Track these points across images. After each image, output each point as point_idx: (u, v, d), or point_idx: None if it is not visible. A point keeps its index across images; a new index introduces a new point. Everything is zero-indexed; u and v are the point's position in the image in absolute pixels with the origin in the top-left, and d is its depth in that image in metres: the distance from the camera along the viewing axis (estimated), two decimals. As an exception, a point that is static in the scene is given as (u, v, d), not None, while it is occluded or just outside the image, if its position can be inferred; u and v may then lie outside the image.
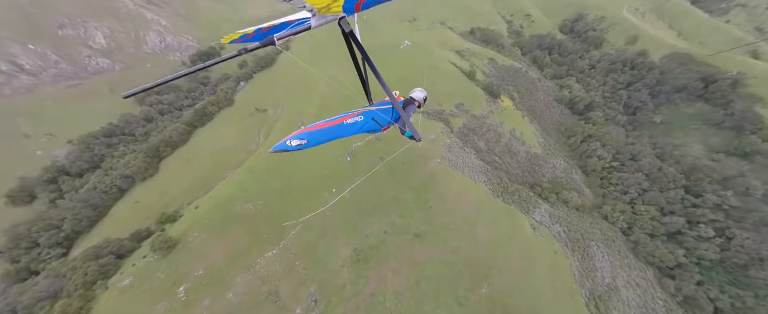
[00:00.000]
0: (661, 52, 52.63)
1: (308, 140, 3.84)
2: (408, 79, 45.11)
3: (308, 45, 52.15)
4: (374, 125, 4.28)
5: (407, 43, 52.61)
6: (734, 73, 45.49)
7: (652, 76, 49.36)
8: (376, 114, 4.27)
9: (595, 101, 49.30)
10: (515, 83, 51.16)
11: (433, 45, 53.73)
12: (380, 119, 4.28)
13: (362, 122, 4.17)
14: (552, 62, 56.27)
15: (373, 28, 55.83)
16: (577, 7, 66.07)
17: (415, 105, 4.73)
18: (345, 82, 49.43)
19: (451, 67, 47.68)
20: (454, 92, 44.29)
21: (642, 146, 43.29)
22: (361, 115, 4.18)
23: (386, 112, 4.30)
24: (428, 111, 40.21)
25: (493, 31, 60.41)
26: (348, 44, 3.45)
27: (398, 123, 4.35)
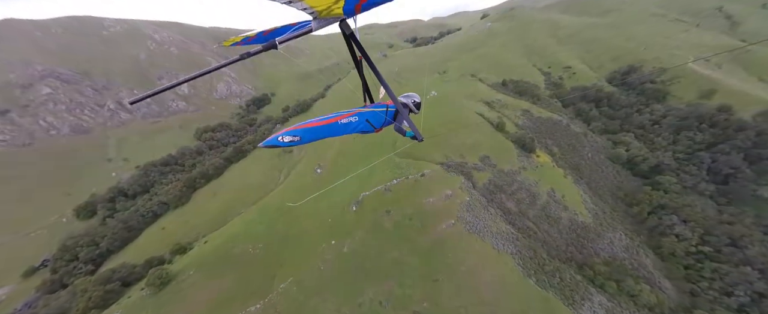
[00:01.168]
0: (754, 109, 42.26)
1: (301, 137, 3.82)
2: (430, 129, 43.58)
3: (337, 96, 55.94)
4: (368, 126, 4.33)
5: (433, 93, 52.56)
6: None
7: (745, 136, 38.96)
8: (371, 115, 4.31)
9: (664, 163, 40.04)
10: (554, 137, 45.31)
11: (460, 96, 52.54)
12: (374, 120, 4.34)
13: (356, 123, 4.21)
14: (601, 115, 49.52)
15: (400, 81, 58.07)
16: (628, 58, 60.20)
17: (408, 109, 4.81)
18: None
19: (477, 118, 44.95)
20: (479, 144, 40.55)
21: (745, 228, 31.78)
22: (356, 116, 4.22)
23: (381, 113, 4.38)
24: (448, 163, 36.83)
25: (527, 83, 57.32)
26: (349, 46, 3.50)
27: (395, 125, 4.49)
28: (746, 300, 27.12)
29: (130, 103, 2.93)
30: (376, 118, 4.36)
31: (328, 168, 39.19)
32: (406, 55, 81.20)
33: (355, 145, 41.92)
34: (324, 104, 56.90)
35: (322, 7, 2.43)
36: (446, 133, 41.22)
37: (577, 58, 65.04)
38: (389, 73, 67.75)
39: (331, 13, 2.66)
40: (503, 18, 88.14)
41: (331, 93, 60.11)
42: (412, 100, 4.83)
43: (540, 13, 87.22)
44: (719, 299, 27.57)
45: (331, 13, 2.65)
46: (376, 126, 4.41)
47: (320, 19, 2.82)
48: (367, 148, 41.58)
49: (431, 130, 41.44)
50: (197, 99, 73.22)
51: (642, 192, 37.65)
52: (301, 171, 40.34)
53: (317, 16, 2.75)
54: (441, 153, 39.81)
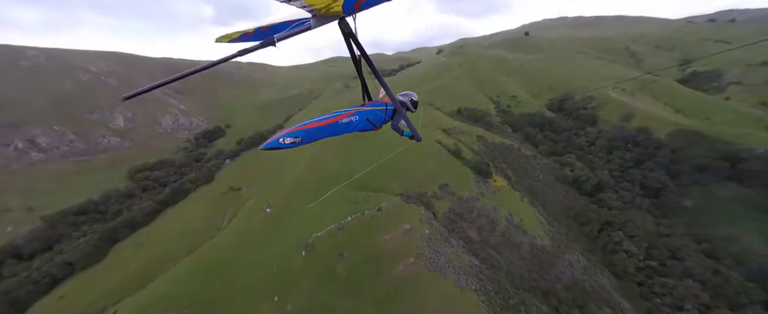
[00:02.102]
0: (666, 129, 48.83)
1: (302, 138, 3.80)
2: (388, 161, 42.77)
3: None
4: (368, 125, 4.39)
5: (393, 122, 53.34)
6: (761, 151, 39.46)
7: (664, 154, 44.08)
8: (371, 114, 4.39)
9: (604, 181, 43.12)
10: (508, 161, 47.15)
11: (421, 124, 53.77)
12: (374, 119, 4.43)
13: (356, 122, 4.25)
14: (546, 139, 53.39)
15: (362, 110, 58.63)
16: (562, 88, 68.00)
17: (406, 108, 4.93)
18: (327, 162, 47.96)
19: (436, 146, 45.52)
20: (438, 172, 40.33)
21: (681, 239, 34.16)
22: (356, 115, 4.26)
23: (380, 112, 4.48)
24: (407, 193, 35.48)
25: (480, 111, 61.00)
26: (348, 45, 3.53)
27: (393, 123, 4.59)
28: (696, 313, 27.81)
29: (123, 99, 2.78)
30: (375, 116, 4.42)
31: (279, 206, 35.36)
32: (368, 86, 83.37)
33: (310, 178, 39.10)
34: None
35: (321, 5, 2.44)
36: (405, 162, 40.59)
37: (521, 88, 72.01)
38: (353, 101, 68.00)
39: (330, 11, 2.64)
40: (455, 54, 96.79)
41: (291, 123, 58.00)
42: (409, 99, 4.94)
43: (486, 50, 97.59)
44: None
45: (330, 11, 2.64)
46: (376, 124, 4.49)
47: (319, 17, 2.80)
48: (323, 181, 38.90)
49: (389, 161, 40.57)
50: (136, 133, 65.23)
51: (590, 210, 39.43)
52: (248, 213, 35.83)
53: (316, 14, 2.73)
54: (400, 183, 38.57)
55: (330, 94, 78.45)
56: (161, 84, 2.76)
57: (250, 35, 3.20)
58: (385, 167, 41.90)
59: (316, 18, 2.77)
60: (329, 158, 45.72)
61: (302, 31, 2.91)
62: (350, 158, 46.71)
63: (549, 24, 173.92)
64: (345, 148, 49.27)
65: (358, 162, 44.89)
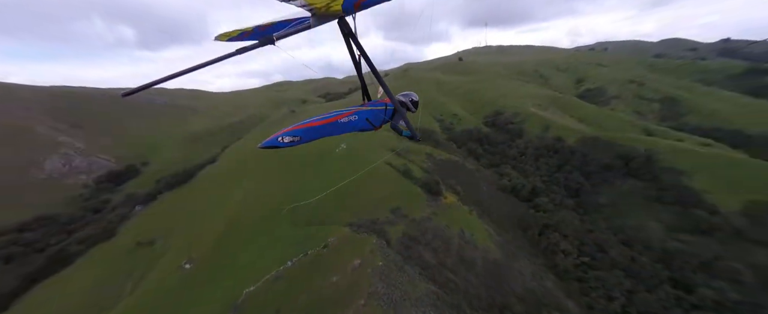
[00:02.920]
0: (574, 137, 57.19)
1: (301, 137, 3.75)
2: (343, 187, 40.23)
3: (232, 159, 47.82)
4: (367, 124, 4.37)
5: (343, 146, 51.25)
6: (644, 151, 48.47)
7: (576, 158, 50.94)
8: (370, 114, 4.36)
9: (537, 186, 47.32)
10: (456, 176, 48.84)
11: (369, 146, 52.96)
12: (374, 119, 4.41)
13: (356, 121, 4.20)
14: (485, 152, 57.52)
15: (309, 136, 55.66)
16: (493, 106, 76.00)
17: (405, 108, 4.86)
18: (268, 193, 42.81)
19: (386, 168, 44.84)
20: (390, 195, 39.14)
21: (602, 233, 38.44)
22: (355, 115, 4.19)
23: (380, 112, 4.45)
24: (358, 223, 33.04)
25: (427, 129, 63.64)
26: (348, 45, 3.48)
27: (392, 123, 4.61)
28: (623, 301, 30.41)
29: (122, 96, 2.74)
30: (375, 116, 4.43)
31: (203, 259, 29.11)
32: (317, 109, 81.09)
33: (246, 216, 33.77)
34: (215, 170, 46.91)
35: (321, 4, 2.42)
36: (356, 187, 38.46)
37: (460, 107, 78.32)
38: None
39: (330, 10, 2.60)
40: (401, 77, 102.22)
41: (228, 154, 51.06)
42: (409, 99, 5.06)
43: (427, 73, 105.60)
44: (608, 307, 30.01)
45: (329, 10, 2.59)
46: (376, 124, 4.50)
47: (319, 16, 2.74)
48: (262, 219, 33.98)
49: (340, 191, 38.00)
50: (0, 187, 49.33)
51: (529, 215, 42.22)
52: (161, 272, 28.57)
53: (316, 13, 2.68)
54: (350, 211, 35.98)
55: (276, 119, 73.49)
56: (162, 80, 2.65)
57: (249, 34, 3.15)
58: (335, 194, 39.07)
59: (316, 17, 2.73)
60: (271, 188, 40.96)
61: (302, 29, 2.84)
62: (295, 187, 42.61)
63: (478, 51, 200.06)
64: (289, 176, 45.03)
65: (306, 191, 41.10)
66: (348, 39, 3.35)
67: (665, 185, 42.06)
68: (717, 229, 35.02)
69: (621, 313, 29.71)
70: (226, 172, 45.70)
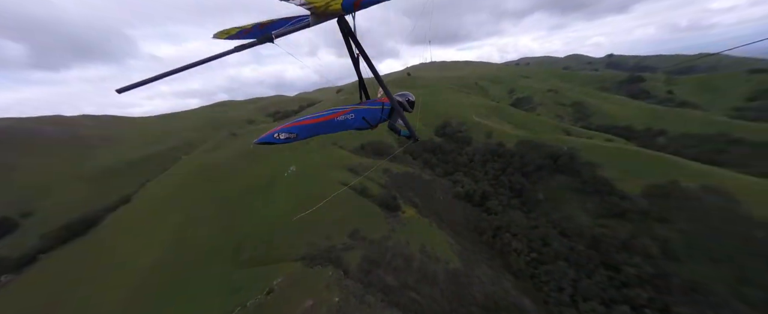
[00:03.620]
0: (513, 141, 63.14)
1: (297, 134, 3.71)
2: (294, 211, 36.37)
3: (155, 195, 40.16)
4: (363, 123, 4.36)
5: (292, 169, 47.43)
6: (566, 149, 55.55)
7: (516, 160, 55.89)
8: (367, 112, 4.36)
9: (486, 190, 50.05)
10: (414, 188, 48.94)
11: (323, 167, 50.15)
12: (371, 118, 4.42)
13: (353, 120, 4.21)
14: (439, 161, 59.48)
15: (254, 160, 50.15)
16: (443, 117, 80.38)
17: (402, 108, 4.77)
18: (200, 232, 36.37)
19: (341, 188, 42.59)
20: (347, 217, 36.83)
21: (544, 227, 41.85)
22: (352, 113, 4.19)
23: (377, 111, 4.45)
24: (312, 255, 29.83)
25: (383, 143, 63.57)
26: (347, 44, 3.47)
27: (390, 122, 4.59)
28: (571, 291, 32.78)
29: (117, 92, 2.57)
30: (372, 115, 4.43)
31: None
32: (265, 130, 75.01)
33: (169, 266, 27.65)
34: (129, 212, 38.15)
35: (321, 3, 2.41)
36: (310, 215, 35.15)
37: (413, 120, 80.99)
38: (241, 152, 58.12)
39: (329, 9, 2.61)
40: (353, 92, 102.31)
41: (149, 189, 42.44)
42: (406, 99, 5.07)
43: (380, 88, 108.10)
44: (560, 299, 31.93)
45: (328, 9, 2.60)
46: (372, 123, 4.49)
47: (318, 15, 2.75)
48: (192, 268, 28.28)
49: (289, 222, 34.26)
50: None
51: (482, 219, 43.99)
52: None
53: (315, 12, 2.67)
54: (304, 241, 32.54)
55: (212, 145, 65.34)
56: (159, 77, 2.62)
57: (248, 32, 3.10)
58: (284, 223, 35.13)
59: (315, 16, 2.73)
60: (204, 226, 34.99)
61: (301, 28, 2.85)
62: (238, 221, 37.32)
63: (424, 66, 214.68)
64: (230, 208, 39.45)
65: (250, 226, 36.21)
66: (347, 38, 3.32)
67: (585, 178, 48.32)
68: (628, 211, 40.97)
69: (570, 302, 31.84)
70: (145, 213, 37.84)
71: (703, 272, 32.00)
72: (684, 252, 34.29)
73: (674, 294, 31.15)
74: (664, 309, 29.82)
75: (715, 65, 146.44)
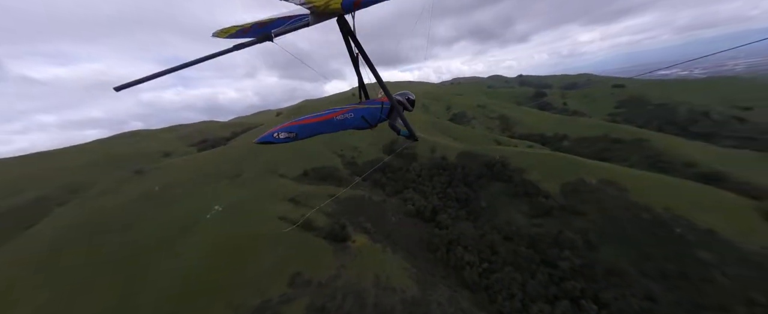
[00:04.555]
0: (454, 153, 66.98)
1: (297, 133, 3.73)
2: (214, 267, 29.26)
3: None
4: (363, 123, 4.37)
5: (217, 209, 39.70)
6: (498, 157, 61.15)
7: (459, 171, 58.82)
8: (366, 112, 4.37)
9: (436, 205, 50.56)
10: (364, 212, 46.15)
11: (259, 201, 43.53)
12: (370, 117, 4.42)
13: (352, 119, 4.24)
14: (389, 180, 58.56)
15: (165, 203, 40.42)
16: (390, 135, 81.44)
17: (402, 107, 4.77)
18: (80, 308, 25.79)
19: (279, 224, 37.06)
20: (286, 259, 31.55)
21: (490, 234, 43.60)
22: (351, 112, 4.23)
23: (376, 110, 4.44)
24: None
25: (328, 167, 59.86)
26: (347, 43, 3.48)
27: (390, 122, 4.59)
28: (520, 295, 33.68)
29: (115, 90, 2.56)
30: (371, 114, 4.43)
31: None
32: (182, 164, 62.95)
33: None
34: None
35: (320, 2, 2.40)
36: (237, 260, 28.70)
37: (360, 140, 79.75)
38: (146, 194, 46.74)
39: (329, 8, 2.62)
40: (297, 113, 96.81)
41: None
42: (406, 97, 5.02)
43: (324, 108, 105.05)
44: (514, 306, 32.31)
45: (328, 8, 2.61)
46: (371, 122, 4.50)
47: (318, 14, 2.73)
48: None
49: (208, 271, 27.36)
50: None
51: (435, 235, 43.57)
52: None
53: (315, 11, 2.67)
54: (226, 300, 26.07)
55: (106, 187, 51.34)
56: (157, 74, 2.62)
57: (247, 31, 3.08)
58: (200, 280, 27.89)
59: (315, 15, 2.72)
60: (84, 302, 25.28)
61: (300, 27, 2.81)
62: (136, 286, 28.36)
63: (369, 86, 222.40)
64: (123, 271, 30.01)
65: (152, 291, 27.75)
66: (347, 37, 3.35)
67: (517, 181, 53.30)
68: (553, 209, 45.89)
69: (521, 308, 32.51)
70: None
71: (614, 256, 36.87)
72: (598, 240, 39.31)
73: (599, 281, 34.75)
74: (595, 298, 32.74)
75: (589, 82, 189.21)
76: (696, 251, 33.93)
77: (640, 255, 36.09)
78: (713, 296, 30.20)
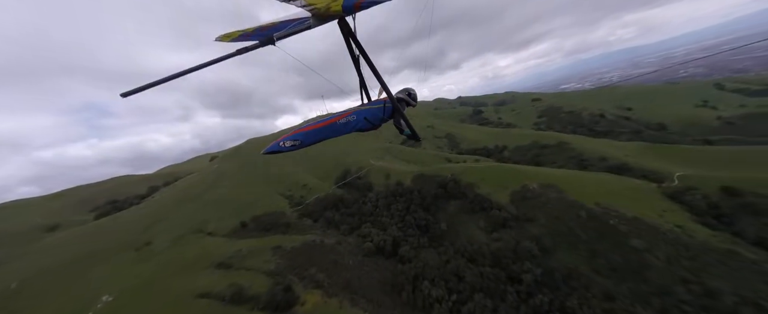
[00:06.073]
0: (409, 177, 66.15)
1: (302, 140, 3.84)
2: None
3: None
4: (366, 124, 4.42)
5: (107, 299, 29.25)
6: (450, 175, 62.11)
7: (415, 195, 57.38)
8: (368, 113, 4.43)
9: (396, 235, 47.13)
10: (316, 261, 39.88)
11: (172, 277, 34.03)
12: (373, 118, 4.46)
13: (355, 121, 4.29)
14: (343, 217, 53.63)
15: (29, 300, 28.25)
16: (341, 166, 77.64)
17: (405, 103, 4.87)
18: None
19: (200, 303, 28.69)
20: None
21: (455, 259, 41.45)
22: (354, 115, 4.30)
23: (378, 110, 4.47)
24: None
25: (272, 214, 52.36)
26: (348, 44, 3.56)
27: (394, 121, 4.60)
28: (494, 325, 30.96)
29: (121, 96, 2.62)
30: (373, 115, 4.46)
31: None
32: (65, 241, 47.88)
33: None
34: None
35: (321, 5, 2.42)
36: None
37: (310, 174, 74.05)
38: (2, 289, 32.86)
39: (330, 10, 2.65)
40: (235, 155, 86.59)
41: None
42: (408, 93, 5.02)
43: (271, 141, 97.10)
44: (488, 342, 29.15)
45: (329, 10, 2.64)
46: (374, 123, 4.54)
47: (319, 17, 2.77)
48: None
49: None
50: None
51: (399, 272, 39.46)
52: None
53: (316, 13, 2.71)
54: None
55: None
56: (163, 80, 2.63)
57: (250, 34, 3.18)
58: None
59: (316, 17, 2.76)
60: None
61: (302, 30, 2.88)
62: None
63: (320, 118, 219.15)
64: None
65: None
66: (348, 39, 3.43)
67: (471, 197, 53.87)
68: (507, 220, 46.61)
69: (498, 340, 29.64)
70: None
71: (569, 258, 37.74)
72: (552, 245, 40.27)
73: (561, 288, 34.50)
74: (562, 308, 31.96)
75: (514, 99, 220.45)
76: (629, 240, 36.73)
77: (589, 252, 37.59)
78: (655, 281, 32.07)
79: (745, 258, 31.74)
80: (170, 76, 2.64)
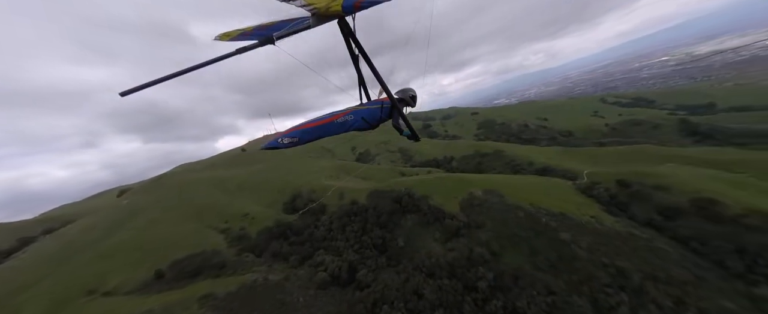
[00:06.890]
0: (364, 194, 64.31)
1: (299, 138, 3.91)
2: None
3: None
4: (364, 123, 4.45)
5: None
6: (404, 189, 62.54)
7: (371, 213, 55.62)
8: (366, 113, 4.47)
9: (353, 260, 44.07)
10: (259, 306, 34.00)
11: None
12: (370, 118, 4.51)
13: (352, 120, 4.33)
14: (293, 246, 48.23)
15: None
16: (290, 190, 71.45)
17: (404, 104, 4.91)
18: None
19: None
20: None
21: (414, 276, 40.40)
22: (352, 114, 4.33)
23: (376, 110, 4.51)
24: None
25: (202, 254, 43.78)
26: (348, 44, 3.60)
27: (393, 121, 4.59)
28: (456, 342, 30.19)
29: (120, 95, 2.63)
30: (371, 115, 4.53)
31: None
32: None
33: None
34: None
35: (321, 5, 2.47)
36: None
37: (252, 202, 65.87)
38: None
39: (330, 10, 2.69)
40: (153, 187, 72.02)
41: None
42: (408, 94, 5.01)
43: (201, 173, 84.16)
44: (452, 363, 28.07)
45: (329, 10, 2.68)
46: (372, 123, 4.58)
47: (319, 17, 2.81)
48: None
49: None
50: None
51: (357, 301, 36.34)
52: None
53: (316, 13, 2.74)
54: None
55: None
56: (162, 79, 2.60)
57: (249, 34, 3.20)
58: None
59: (316, 17, 2.81)
60: None
61: (302, 29, 2.95)
62: None
63: (268, 138, 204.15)
64: None
65: None
66: (348, 39, 3.48)
67: (425, 210, 54.67)
68: (460, 229, 48.23)
69: (460, 358, 28.81)
70: None
71: (514, 258, 40.37)
72: (499, 248, 42.76)
73: (512, 289, 36.25)
74: (513, 310, 33.29)
75: (457, 113, 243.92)
76: (560, 234, 41.37)
77: (530, 250, 40.89)
78: (582, 270, 36.23)
79: (640, 238, 38.56)
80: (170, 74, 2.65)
